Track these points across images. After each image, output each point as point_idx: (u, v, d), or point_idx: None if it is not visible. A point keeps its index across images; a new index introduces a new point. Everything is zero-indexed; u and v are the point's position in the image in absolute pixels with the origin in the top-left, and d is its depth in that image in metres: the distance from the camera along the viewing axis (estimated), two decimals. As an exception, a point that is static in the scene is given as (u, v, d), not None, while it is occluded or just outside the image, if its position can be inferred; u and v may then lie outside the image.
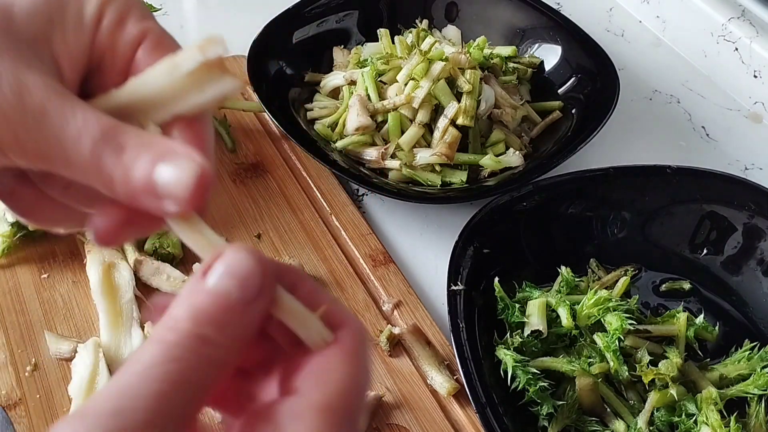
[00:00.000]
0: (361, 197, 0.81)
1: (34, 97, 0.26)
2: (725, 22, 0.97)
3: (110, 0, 0.29)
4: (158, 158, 0.26)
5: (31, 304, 0.66)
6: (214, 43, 0.28)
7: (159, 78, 0.28)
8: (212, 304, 0.25)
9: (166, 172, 0.26)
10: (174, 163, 0.26)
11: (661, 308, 0.69)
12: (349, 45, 0.92)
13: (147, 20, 0.29)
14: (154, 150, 0.26)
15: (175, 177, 0.26)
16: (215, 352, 0.25)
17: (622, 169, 0.74)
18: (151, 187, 0.26)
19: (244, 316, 0.25)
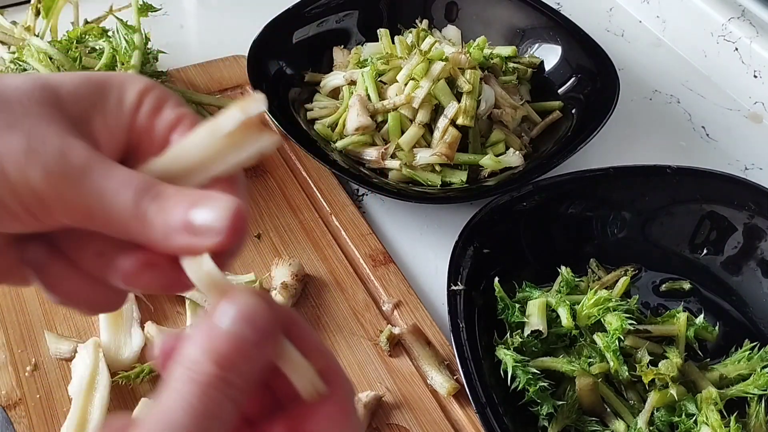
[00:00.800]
0: (361, 197, 0.81)
1: (78, 156, 0.28)
2: (725, 22, 0.97)
3: (149, 90, 0.31)
4: (196, 201, 0.28)
5: (31, 304, 0.66)
6: (255, 101, 0.28)
7: (199, 142, 0.29)
8: (231, 348, 0.26)
9: (204, 210, 0.28)
10: (211, 203, 0.28)
11: (661, 308, 0.69)
12: (349, 45, 0.92)
13: (183, 107, 0.32)
14: (192, 195, 0.28)
15: (213, 213, 0.27)
16: (237, 395, 0.26)
17: (622, 169, 0.74)
18: (189, 225, 0.27)
19: (257, 359, 0.27)
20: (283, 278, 0.67)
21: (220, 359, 0.26)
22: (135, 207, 0.28)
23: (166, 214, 0.28)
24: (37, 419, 0.58)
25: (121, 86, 0.31)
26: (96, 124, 0.30)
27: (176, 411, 0.25)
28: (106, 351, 0.61)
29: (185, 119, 0.31)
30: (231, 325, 0.26)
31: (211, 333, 0.26)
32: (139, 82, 0.31)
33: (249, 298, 0.27)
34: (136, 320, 0.64)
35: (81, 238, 0.30)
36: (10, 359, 0.62)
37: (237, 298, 0.27)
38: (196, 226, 0.27)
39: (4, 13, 0.84)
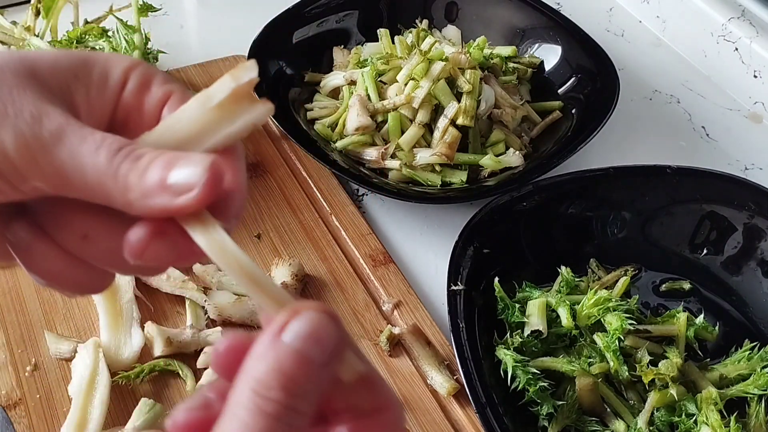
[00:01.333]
0: (361, 197, 0.81)
1: (52, 120, 0.27)
2: (725, 22, 0.97)
3: (134, 67, 0.31)
4: (173, 161, 0.27)
5: (31, 304, 0.66)
6: (246, 69, 0.28)
7: (190, 114, 0.29)
8: (300, 370, 0.25)
9: (181, 169, 0.27)
10: (188, 162, 0.27)
11: (661, 308, 0.69)
12: (349, 45, 0.92)
13: (170, 83, 0.31)
14: (169, 156, 0.27)
15: (189, 172, 0.27)
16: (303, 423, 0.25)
17: (622, 169, 0.74)
18: (165, 184, 0.27)
19: (324, 381, 0.26)
20: (283, 278, 0.67)
21: (288, 383, 0.25)
22: (110, 167, 0.27)
23: (142, 175, 0.27)
24: (37, 419, 0.58)
25: (106, 63, 0.30)
26: (77, 97, 0.29)
27: None
28: (106, 351, 0.61)
29: (174, 95, 0.31)
30: (300, 344, 0.25)
31: (279, 351, 0.25)
32: (124, 60, 0.31)
33: (318, 316, 0.26)
34: (136, 320, 0.64)
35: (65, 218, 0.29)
36: (10, 359, 0.62)
37: (305, 314, 0.26)
38: (172, 184, 0.27)
39: (4, 13, 0.84)
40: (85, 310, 0.66)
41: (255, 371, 0.25)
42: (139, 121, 0.31)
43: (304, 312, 0.26)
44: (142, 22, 0.80)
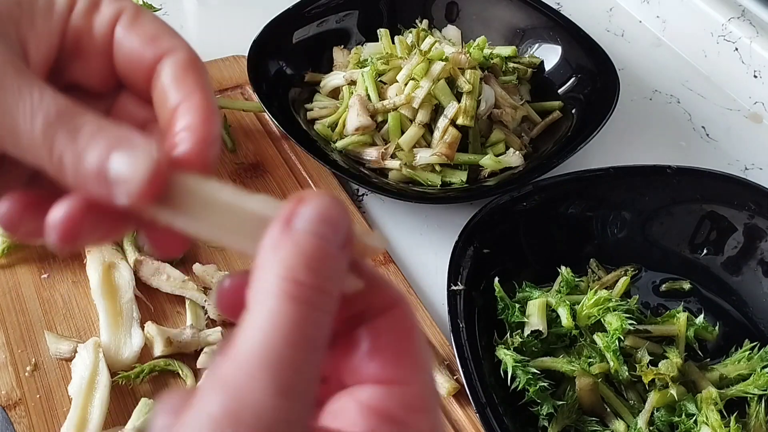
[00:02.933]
0: (361, 197, 0.81)
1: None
2: (725, 22, 0.97)
3: None
4: (114, 145, 0.25)
5: (31, 304, 0.66)
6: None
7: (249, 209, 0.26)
8: (321, 251, 0.23)
9: (120, 161, 0.25)
10: (129, 152, 0.25)
11: (661, 308, 0.69)
12: (349, 45, 0.92)
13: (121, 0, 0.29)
14: (111, 136, 0.25)
15: (128, 167, 0.25)
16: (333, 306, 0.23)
17: (622, 169, 0.74)
18: (102, 175, 0.25)
19: (343, 262, 0.24)
20: (283, 278, 0.67)
21: (314, 264, 0.23)
22: (45, 140, 0.25)
23: (79, 156, 0.25)
24: (37, 419, 0.58)
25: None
26: (22, 26, 0.27)
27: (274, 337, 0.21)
28: (106, 351, 0.61)
29: (125, 12, 0.29)
30: (315, 227, 0.23)
31: (296, 237, 0.23)
32: None
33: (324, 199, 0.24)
34: (136, 320, 0.64)
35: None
36: (10, 359, 0.62)
37: (312, 200, 0.24)
38: (110, 174, 0.24)
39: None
40: (85, 310, 0.66)
41: (276, 258, 0.23)
42: (90, 45, 0.29)
43: (309, 198, 0.24)
44: (142, 22, 0.79)
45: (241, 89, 0.89)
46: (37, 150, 0.25)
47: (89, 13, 0.29)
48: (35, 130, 0.25)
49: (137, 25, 0.29)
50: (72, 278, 0.68)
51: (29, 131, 0.25)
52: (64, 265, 0.69)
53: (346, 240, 0.24)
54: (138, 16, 0.29)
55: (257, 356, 0.21)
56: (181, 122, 0.28)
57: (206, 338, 0.63)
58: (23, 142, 0.25)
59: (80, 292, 0.67)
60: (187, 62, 0.28)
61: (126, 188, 0.24)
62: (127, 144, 0.25)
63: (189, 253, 0.71)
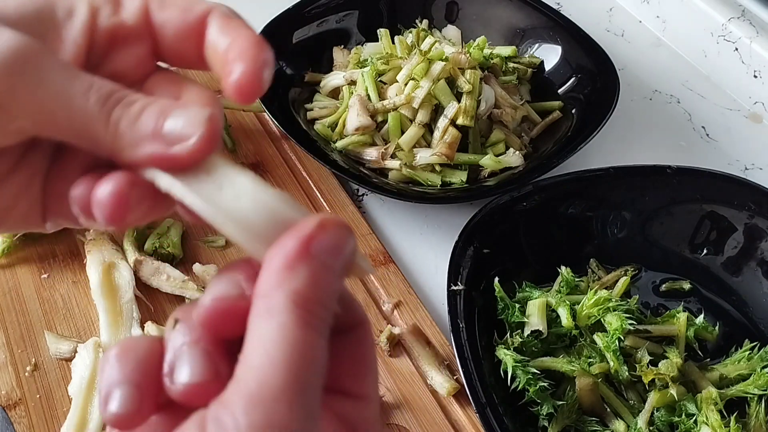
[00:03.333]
0: (361, 197, 0.81)
1: (34, 52, 0.26)
2: (725, 22, 0.97)
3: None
4: (168, 108, 0.27)
5: (31, 304, 0.66)
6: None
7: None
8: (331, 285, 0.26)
9: (176, 118, 0.26)
10: (184, 111, 0.27)
11: (661, 308, 0.69)
12: (349, 45, 0.92)
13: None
14: (164, 103, 0.27)
15: (185, 121, 0.26)
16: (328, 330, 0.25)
17: (622, 169, 0.74)
18: (159, 132, 0.26)
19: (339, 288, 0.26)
20: (283, 278, 0.67)
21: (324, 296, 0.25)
22: (101, 112, 0.26)
23: (134, 121, 0.26)
24: (37, 419, 0.58)
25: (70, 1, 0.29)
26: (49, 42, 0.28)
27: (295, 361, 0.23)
28: (105, 351, 0.61)
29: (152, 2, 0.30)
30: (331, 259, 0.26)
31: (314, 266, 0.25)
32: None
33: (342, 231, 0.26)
34: (136, 320, 0.64)
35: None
36: (10, 359, 0.62)
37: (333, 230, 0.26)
38: (166, 133, 0.26)
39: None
40: (85, 310, 0.66)
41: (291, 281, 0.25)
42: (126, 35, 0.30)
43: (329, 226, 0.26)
44: (142, 22, 0.79)
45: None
46: (92, 124, 0.26)
47: (116, 12, 0.29)
48: (90, 105, 0.26)
49: (168, 3, 0.30)
50: (72, 278, 0.68)
51: (83, 107, 0.26)
52: (64, 265, 0.69)
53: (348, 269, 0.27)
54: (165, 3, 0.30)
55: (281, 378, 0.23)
56: (232, 54, 0.29)
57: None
58: (78, 118, 0.26)
59: (80, 292, 0.67)
60: (228, 13, 0.30)
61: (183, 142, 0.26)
62: (181, 106, 0.27)
63: (189, 253, 0.71)
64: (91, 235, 0.69)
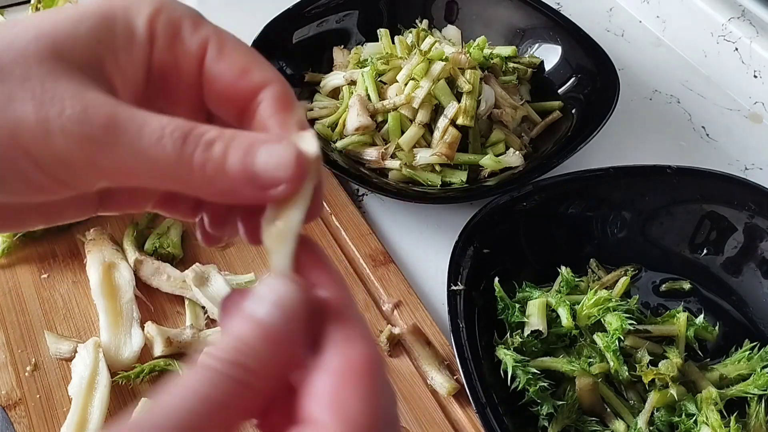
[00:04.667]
0: (361, 197, 0.81)
1: (99, 113, 0.25)
2: (725, 22, 0.97)
3: (158, 14, 0.28)
4: (253, 145, 0.26)
5: (31, 304, 0.66)
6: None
7: None
8: (255, 335, 0.24)
9: (264, 156, 0.25)
10: (271, 146, 0.26)
11: (661, 308, 0.69)
12: (349, 45, 0.92)
13: (201, 28, 0.28)
14: (246, 138, 0.26)
15: (275, 159, 0.25)
16: (253, 381, 0.24)
17: (622, 169, 0.74)
18: (250, 174, 0.25)
19: (288, 344, 0.25)
20: (283, 278, 0.67)
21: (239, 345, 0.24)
22: (180, 158, 0.25)
23: (221, 164, 0.25)
24: (37, 419, 0.58)
25: (126, 17, 0.27)
26: (107, 65, 0.27)
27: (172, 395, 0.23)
28: (106, 351, 0.61)
29: (211, 42, 0.28)
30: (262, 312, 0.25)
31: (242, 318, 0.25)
32: (143, 6, 0.28)
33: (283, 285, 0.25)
34: (136, 320, 0.64)
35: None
36: (10, 359, 0.62)
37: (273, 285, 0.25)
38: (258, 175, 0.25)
39: (4, 13, 0.84)
40: (85, 310, 0.66)
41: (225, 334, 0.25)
42: (178, 78, 0.28)
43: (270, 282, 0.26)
44: (142, 22, 0.79)
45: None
46: (175, 171, 0.25)
47: (172, 45, 0.28)
48: (168, 153, 0.25)
49: (226, 56, 0.28)
50: (72, 278, 0.68)
51: (162, 157, 0.25)
52: (64, 265, 0.69)
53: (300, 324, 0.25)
54: (224, 46, 0.28)
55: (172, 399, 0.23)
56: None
57: (206, 338, 0.63)
58: (156, 168, 0.25)
59: (80, 292, 0.67)
60: (283, 96, 0.28)
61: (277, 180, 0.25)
62: (266, 141, 0.26)
63: (189, 253, 0.71)
64: (91, 235, 0.69)
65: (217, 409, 0.23)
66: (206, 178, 0.25)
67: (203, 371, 0.24)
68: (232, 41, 0.29)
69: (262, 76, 0.28)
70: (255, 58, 0.29)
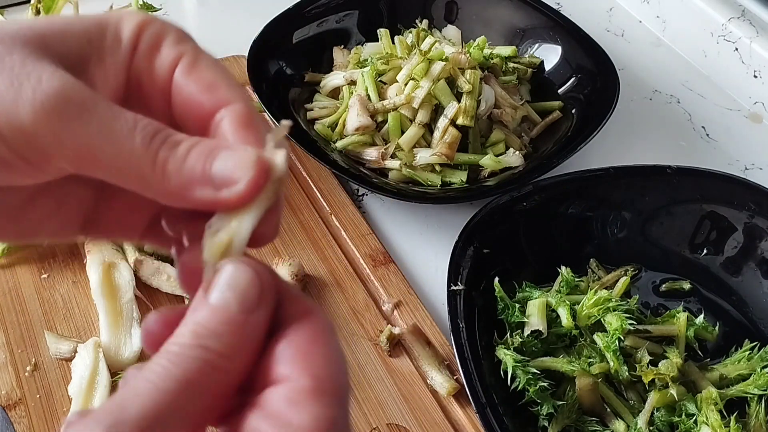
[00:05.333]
0: (361, 197, 0.81)
1: (76, 91, 0.26)
2: (725, 22, 0.97)
3: (147, 24, 0.29)
4: (215, 150, 0.26)
5: (31, 304, 0.66)
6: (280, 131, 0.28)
7: None
8: (212, 318, 0.25)
9: (224, 160, 0.26)
10: (232, 153, 0.26)
11: (661, 308, 0.69)
12: (349, 45, 0.92)
13: (182, 43, 0.29)
14: (210, 143, 0.27)
15: (234, 161, 0.26)
16: (217, 360, 0.25)
17: (622, 169, 0.74)
18: (208, 175, 0.26)
19: (246, 326, 0.26)
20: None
21: (198, 329, 0.25)
22: (147, 151, 0.26)
23: (181, 162, 0.26)
24: (37, 419, 0.58)
25: (118, 23, 0.29)
26: (91, 65, 0.28)
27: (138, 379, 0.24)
28: (106, 351, 0.61)
29: (185, 56, 0.29)
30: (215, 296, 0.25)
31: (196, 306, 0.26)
32: (135, 17, 0.29)
33: (236, 267, 0.26)
34: (136, 320, 0.64)
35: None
36: (10, 359, 0.62)
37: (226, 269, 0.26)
38: (214, 175, 0.26)
39: (4, 13, 0.84)
40: (85, 310, 0.66)
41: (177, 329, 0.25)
42: (150, 88, 0.29)
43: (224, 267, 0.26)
44: (142, 22, 0.79)
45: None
46: (138, 164, 0.26)
47: (151, 54, 0.29)
48: (136, 145, 0.26)
49: (196, 71, 0.29)
50: (72, 278, 0.68)
51: (129, 147, 0.26)
52: (64, 265, 0.69)
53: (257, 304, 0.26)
54: (197, 62, 0.29)
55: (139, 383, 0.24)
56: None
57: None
58: (122, 158, 0.26)
59: (80, 292, 0.67)
60: (245, 117, 0.29)
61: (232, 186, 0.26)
62: (228, 148, 0.26)
63: (189, 253, 0.71)
64: (91, 235, 0.69)
65: (189, 387, 0.24)
66: (165, 174, 0.26)
67: (167, 356, 0.24)
68: (206, 59, 0.29)
69: (227, 94, 0.29)
70: (224, 77, 0.29)
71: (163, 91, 0.29)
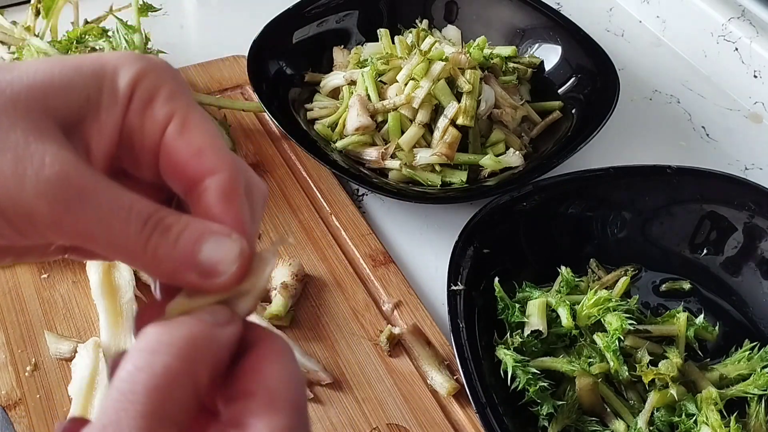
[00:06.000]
0: (361, 197, 0.81)
1: (76, 177, 0.26)
2: (725, 22, 0.97)
3: (142, 77, 0.29)
4: (203, 235, 0.28)
5: (31, 304, 0.66)
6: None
7: None
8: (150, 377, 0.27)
9: (211, 249, 0.28)
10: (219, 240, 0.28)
11: (661, 308, 0.69)
12: (349, 45, 0.92)
13: (175, 99, 0.29)
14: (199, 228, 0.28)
15: (220, 255, 0.28)
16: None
17: (622, 169, 0.74)
18: (195, 260, 0.27)
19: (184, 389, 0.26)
20: (283, 278, 0.67)
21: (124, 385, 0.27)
22: (139, 238, 0.27)
23: (172, 249, 0.27)
24: (37, 419, 0.58)
25: (114, 74, 0.29)
26: (87, 124, 0.28)
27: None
28: (106, 351, 0.61)
29: (176, 116, 0.29)
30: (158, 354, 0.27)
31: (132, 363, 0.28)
32: (132, 67, 0.29)
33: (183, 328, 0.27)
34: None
35: None
36: (10, 359, 0.62)
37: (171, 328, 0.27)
38: (201, 263, 0.27)
39: (4, 13, 0.84)
40: (85, 310, 0.66)
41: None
42: (141, 144, 0.29)
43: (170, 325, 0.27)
44: (142, 22, 0.80)
45: (241, 89, 0.89)
46: (132, 248, 0.27)
47: (144, 111, 0.29)
48: (131, 232, 0.27)
49: (185, 133, 0.29)
50: (72, 278, 0.68)
51: (125, 233, 0.27)
52: (64, 265, 0.69)
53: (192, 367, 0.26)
54: (187, 123, 0.29)
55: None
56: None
57: (206, 338, 0.63)
58: (116, 241, 0.27)
59: (80, 292, 0.67)
60: (228, 190, 0.29)
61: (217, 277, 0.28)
62: (215, 234, 0.28)
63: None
64: (91, 235, 0.69)
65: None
66: (156, 259, 0.27)
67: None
68: (196, 120, 0.29)
69: (213, 162, 0.29)
70: (212, 142, 0.29)
71: (152, 150, 0.29)
